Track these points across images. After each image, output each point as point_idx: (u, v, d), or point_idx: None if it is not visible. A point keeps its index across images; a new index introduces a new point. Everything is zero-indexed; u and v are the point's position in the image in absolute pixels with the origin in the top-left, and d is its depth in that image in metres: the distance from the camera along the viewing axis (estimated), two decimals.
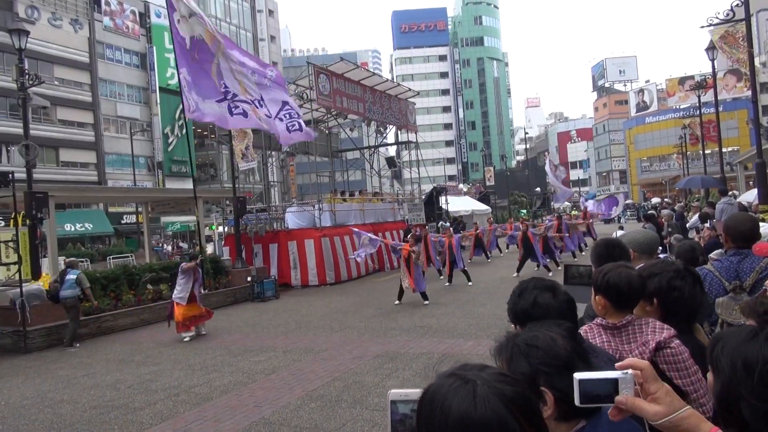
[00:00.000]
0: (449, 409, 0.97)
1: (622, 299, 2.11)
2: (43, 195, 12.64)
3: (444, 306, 12.60)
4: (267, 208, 22.55)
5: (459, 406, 0.97)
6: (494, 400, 0.97)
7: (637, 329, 2.07)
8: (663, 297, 2.25)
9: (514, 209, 52.62)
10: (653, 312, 2.26)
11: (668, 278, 2.26)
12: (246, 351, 9.57)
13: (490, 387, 0.98)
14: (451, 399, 0.98)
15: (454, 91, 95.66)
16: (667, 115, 68.35)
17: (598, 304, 2.16)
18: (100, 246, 38.51)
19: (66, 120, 39.61)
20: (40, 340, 11.24)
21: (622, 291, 2.10)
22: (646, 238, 3.77)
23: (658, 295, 2.25)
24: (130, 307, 13.47)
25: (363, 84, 23.21)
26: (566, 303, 1.94)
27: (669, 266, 2.38)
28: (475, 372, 1.03)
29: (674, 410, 1.20)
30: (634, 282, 2.13)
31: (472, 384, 0.99)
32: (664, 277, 2.27)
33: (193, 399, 6.99)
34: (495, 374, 1.03)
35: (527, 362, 1.33)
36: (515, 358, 1.35)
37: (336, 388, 6.95)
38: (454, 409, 0.97)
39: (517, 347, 1.37)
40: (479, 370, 1.04)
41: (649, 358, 1.99)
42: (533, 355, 1.34)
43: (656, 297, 2.25)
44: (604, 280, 2.13)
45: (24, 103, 13.49)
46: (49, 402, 7.35)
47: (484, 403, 0.96)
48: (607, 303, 2.12)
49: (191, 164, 16.79)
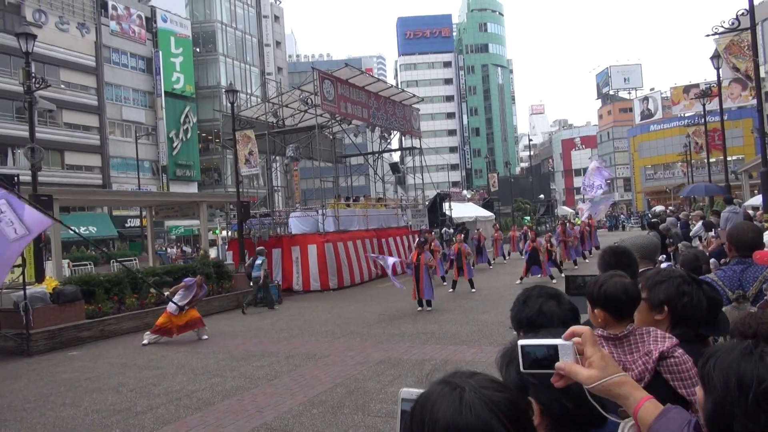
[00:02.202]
0: (437, 415, 0.98)
1: (621, 309, 2.10)
2: (48, 198, 12.69)
3: (447, 313, 12.58)
4: (270, 212, 22.59)
5: (446, 412, 0.98)
6: (480, 407, 0.97)
7: (638, 339, 2.07)
8: (674, 304, 2.23)
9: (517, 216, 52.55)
10: (663, 320, 2.24)
11: (677, 284, 2.25)
12: (248, 356, 9.56)
13: (477, 393, 0.99)
14: (439, 405, 0.99)
15: (459, 98, 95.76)
16: (672, 123, 68.20)
17: (597, 317, 2.14)
18: (105, 249, 38.56)
19: (72, 123, 39.78)
20: (43, 343, 11.26)
21: (620, 301, 2.09)
22: (647, 242, 3.77)
23: (669, 302, 2.23)
24: (133, 310, 13.49)
25: (367, 90, 23.27)
26: (570, 312, 1.93)
27: (674, 273, 2.38)
28: (464, 379, 1.04)
29: (607, 375, 1.23)
30: (630, 290, 2.12)
31: (460, 390, 1.00)
32: (673, 284, 2.25)
33: (195, 403, 6.99)
34: (483, 380, 1.04)
35: (516, 371, 1.32)
36: (509, 366, 1.36)
37: (338, 394, 6.94)
38: (441, 415, 0.98)
39: (513, 355, 1.37)
40: (468, 376, 1.05)
41: (653, 368, 1.99)
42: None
43: (666, 304, 2.23)
44: (601, 293, 2.11)
45: (30, 106, 13.57)
46: (51, 405, 7.36)
47: (470, 409, 0.97)
48: (607, 315, 2.10)
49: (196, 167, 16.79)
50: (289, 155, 24.06)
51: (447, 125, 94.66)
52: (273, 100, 24.51)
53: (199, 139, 49.47)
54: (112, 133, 43.01)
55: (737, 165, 41.51)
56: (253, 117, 23.83)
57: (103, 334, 12.38)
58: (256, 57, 57.82)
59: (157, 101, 46.30)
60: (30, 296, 11.26)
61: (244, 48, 55.87)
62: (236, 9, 55.68)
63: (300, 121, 24.31)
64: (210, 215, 30.58)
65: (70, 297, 12.10)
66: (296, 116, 24.20)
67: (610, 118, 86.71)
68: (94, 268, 25.58)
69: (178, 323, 11.29)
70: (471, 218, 31.58)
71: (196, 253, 25.96)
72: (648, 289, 2.28)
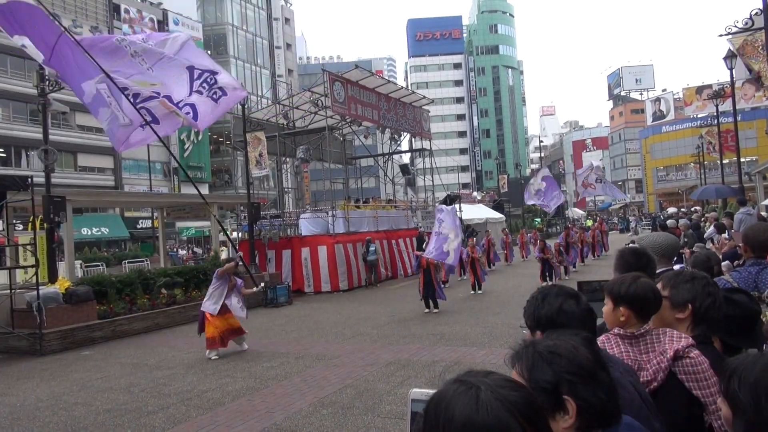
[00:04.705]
0: (452, 414, 0.98)
1: (647, 309, 2.11)
2: (61, 199, 12.80)
3: (457, 314, 12.54)
4: (281, 214, 22.66)
5: (462, 411, 0.97)
6: (497, 406, 0.96)
7: (654, 338, 2.05)
8: (699, 303, 2.21)
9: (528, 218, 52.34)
10: (685, 319, 2.22)
11: (703, 285, 2.24)
12: (258, 356, 9.58)
13: (493, 392, 0.99)
14: (455, 404, 0.98)
15: (469, 99, 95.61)
16: (684, 125, 67.69)
17: (620, 315, 2.13)
18: (116, 250, 38.89)
19: (84, 125, 40.11)
20: (56, 342, 11.36)
21: (648, 301, 2.10)
22: (667, 241, 3.70)
23: (693, 301, 2.21)
24: (144, 311, 13.57)
25: (377, 91, 23.28)
26: (588, 311, 1.92)
27: (698, 274, 2.36)
28: (480, 378, 1.03)
29: None
30: (656, 292, 2.15)
31: (476, 389, 0.99)
32: (699, 284, 2.24)
33: (206, 403, 7.01)
34: (499, 380, 1.03)
35: (551, 370, 1.30)
36: (537, 365, 1.32)
37: (348, 395, 6.94)
38: (457, 414, 0.97)
39: (538, 354, 1.33)
40: (484, 375, 1.04)
41: (667, 368, 1.96)
42: (556, 362, 1.31)
43: (691, 303, 2.21)
44: (630, 291, 2.11)
45: (44, 108, 13.71)
46: (64, 404, 7.41)
47: (486, 408, 0.96)
48: (631, 314, 2.10)
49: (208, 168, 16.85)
50: (299, 157, 24.12)
51: (457, 127, 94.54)
52: (283, 102, 24.59)
53: (210, 141, 49.74)
54: None
55: (751, 166, 41.05)
56: (264, 119, 23.92)
57: (114, 335, 12.46)
58: (267, 59, 58.07)
59: None
60: (43, 296, 11.36)
61: (255, 50, 56.13)
62: (247, 12, 55.98)
63: (310, 123, 24.38)
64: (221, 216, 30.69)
65: (83, 297, 12.20)
66: (306, 118, 24.26)
67: (622, 119, 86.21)
68: (106, 268, 25.78)
69: (228, 326, 9.87)
70: (481, 220, 31.49)
71: (207, 254, 26.08)
72: (671, 288, 2.26)
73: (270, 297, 16.29)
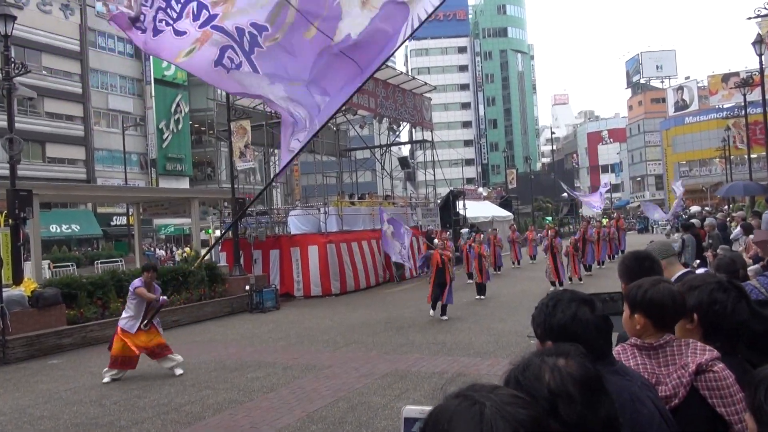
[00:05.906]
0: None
1: (665, 317, 2.09)
2: (28, 193, 12.76)
3: (460, 321, 12.55)
4: (268, 210, 22.64)
5: (464, 430, 0.95)
6: (503, 425, 0.95)
7: (676, 350, 2.03)
8: (703, 311, 2.20)
9: (538, 216, 52.41)
10: (694, 329, 2.22)
11: (709, 290, 2.22)
12: (242, 366, 9.57)
13: (499, 410, 0.97)
14: (456, 422, 0.97)
15: (475, 86, 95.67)
16: (709, 115, 67.83)
17: (636, 323, 2.11)
18: (88, 249, 38.84)
19: (54, 113, 40.03)
20: (21, 350, 11.32)
21: (666, 308, 2.07)
22: (661, 243, 3.91)
23: (698, 309, 2.20)
24: (118, 316, 13.49)
25: (375, 77, 23.24)
26: (603, 319, 1.89)
27: (711, 278, 2.34)
28: (485, 393, 1.01)
29: None
30: (677, 298, 2.11)
31: (480, 406, 0.97)
32: (705, 290, 2.23)
33: (184, 418, 6.99)
34: (506, 396, 1.01)
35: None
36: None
37: (340, 409, 6.93)
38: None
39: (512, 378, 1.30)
40: (489, 391, 1.02)
41: (689, 383, 1.95)
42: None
43: (696, 312, 2.20)
44: (646, 297, 2.09)
45: (9, 93, 13.64)
46: (28, 418, 7.38)
47: (491, 427, 0.94)
48: (648, 322, 2.09)
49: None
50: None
51: (461, 116, 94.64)
52: None
53: (191, 131, 49.62)
54: (97, 123, 43.25)
55: None
56: (250, 106, 23.84)
57: (85, 341, 12.42)
58: None
59: (146, 89, 46.50)
60: (7, 299, 11.31)
61: None
62: None
63: None
64: (203, 213, 30.67)
65: (51, 301, 12.16)
66: None
67: (641, 109, 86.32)
68: (76, 269, 25.75)
69: (139, 345, 9.04)
70: (487, 218, 31.50)
71: (187, 254, 26.06)
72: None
73: (256, 301, 16.29)
